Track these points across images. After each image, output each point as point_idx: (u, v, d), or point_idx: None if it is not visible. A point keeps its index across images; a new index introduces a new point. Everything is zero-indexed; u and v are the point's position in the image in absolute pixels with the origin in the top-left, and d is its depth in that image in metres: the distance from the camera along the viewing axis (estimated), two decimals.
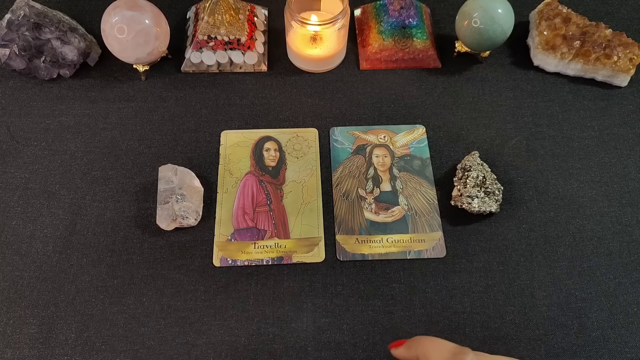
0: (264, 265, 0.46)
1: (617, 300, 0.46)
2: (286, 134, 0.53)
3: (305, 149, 0.52)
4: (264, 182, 0.50)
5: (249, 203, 0.49)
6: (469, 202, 0.48)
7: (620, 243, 0.48)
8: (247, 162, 0.51)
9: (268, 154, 0.52)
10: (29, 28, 0.54)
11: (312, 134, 0.53)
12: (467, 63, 0.59)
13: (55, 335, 0.43)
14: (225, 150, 0.52)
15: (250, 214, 0.49)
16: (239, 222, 0.48)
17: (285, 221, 0.48)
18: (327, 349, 0.43)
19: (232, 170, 0.51)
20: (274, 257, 0.47)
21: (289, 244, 0.47)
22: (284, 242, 0.47)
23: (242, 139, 0.53)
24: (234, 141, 0.53)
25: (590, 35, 0.56)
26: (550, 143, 0.54)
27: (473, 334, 0.44)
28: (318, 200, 0.50)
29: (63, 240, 0.48)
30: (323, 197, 0.50)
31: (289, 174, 0.51)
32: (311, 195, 0.50)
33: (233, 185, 0.50)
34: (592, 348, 0.43)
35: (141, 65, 0.56)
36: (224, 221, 0.48)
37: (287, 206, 0.49)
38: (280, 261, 0.46)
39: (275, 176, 0.51)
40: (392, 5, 0.58)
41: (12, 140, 0.53)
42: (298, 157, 0.52)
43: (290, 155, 0.52)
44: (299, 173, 0.51)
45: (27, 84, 0.57)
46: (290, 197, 0.50)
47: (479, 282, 0.46)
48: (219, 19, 0.56)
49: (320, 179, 0.51)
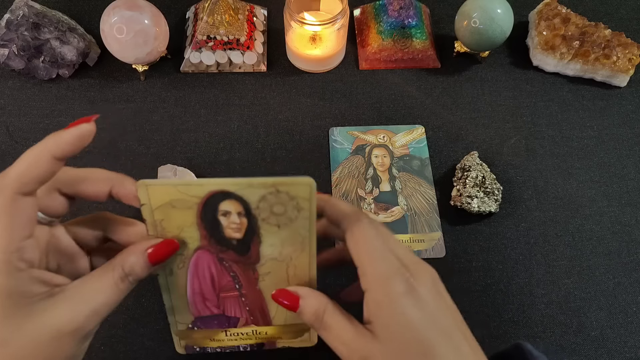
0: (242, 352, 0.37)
1: (616, 300, 0.46)
2: (256, 188, 0.30)
3: (292, 212, 0.31)
4: (226, 261, 0.32)
5: (208, 288, 0.33)
6: (469, 202, 0.48)
7: (620, 243, 0.49)
8: (194, 232, 0.31)
9: (228, 221, 0.31)
10: (28, 28, 0.54)
11: (305, 190, 0.30)
12: (466, 63, 0.60)
13: None
14: (152, 215, 0.30)
15: (212, 300, 0.34)
16: (200, 309, 0.34)
17: (263, 307, 0.34)
18: (327, 349, 0.43)
19: None
20: (253, 343, 0.36)
21: (271, 331, 0.35)
22: (264, 329, 0.35)
23: (178, 197, 0.30)
24: (163, 200, 0.30)
25: (589, 35, 0.57)
26: (549, 143, 0.54)
27: (472, 333, 0.44)
28: (311, 281, 0.33)
29: None
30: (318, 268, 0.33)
31: (266, 249, 0.32)
32: (301, 277, 0.33)
33: (179, 266, 0.32)
34: (591, 347, 0.44)
35: (140, 65, 0.56)
36: (178, 309, 0.34)
37: (265, 291, 0.33)
38: (262, 347, 0.36)
39: (243, 252, 0.32)
40: (391, 5, 0.58)
41: (11, 140, 0.53)
42: (280, 226, 0.31)
43: (266, 222, 0.31)
44: (282, 248, 0.32)
45: (26, 84, 0.57)
46: (269, 280, 0.33)
47: (478, 281, 0.46)
48: (218, 19, 0.56)
49: (315, 256, 0.32)
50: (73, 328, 0.25)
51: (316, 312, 0.30)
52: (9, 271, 0.25)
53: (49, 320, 0.25)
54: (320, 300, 0.30)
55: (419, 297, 0.27)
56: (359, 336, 0.28)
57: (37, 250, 0.27)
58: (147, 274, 0.29)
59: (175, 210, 0.30)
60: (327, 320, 0.29)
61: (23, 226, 0.26)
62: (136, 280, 0.29)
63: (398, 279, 0.27)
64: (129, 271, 0.28)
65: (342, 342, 0.29)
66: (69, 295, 0.26)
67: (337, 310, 0.30)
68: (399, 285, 0.27)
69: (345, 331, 0.28)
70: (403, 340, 0.27)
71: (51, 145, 0.27)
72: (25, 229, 0.26)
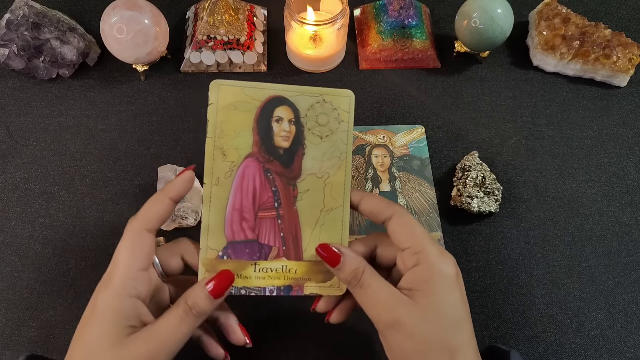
0: (266, 297, 0.35)
1: (616, 300, 0.46)
2: (307, 96, 0.35)
3: (334, 124, 0.35)
4: (271, 173, 0.35)
5: (248, 204, 0.34)
6: (469, 202, 0.48)
7: (619, 243, 0.49)
8: (248, 137, 0.34)
9: (279, 128, 0.35)
10: (28, 28, 0.54)
11: (346, 101, 0.35)
12: (466, 63, 0.60)
13: (54, 340, 0.43)
14: (216, 115, 0.34)
15: (250, 220, 0.35)
16: (235, 231, 0.34)
17: (297, 235, 0.35)
18: (327, 349, 0.43)
19: (226, 150, 0.34)
20: (281, 285, 0.35)
21: (301, 269, 0.35)
22: (294, 266, 0.35)
23: (242, 99, 0.34)
24: (229, 100, 0.34)
25: (589, 35, 0.57)
26: (549, 143, 0.54)
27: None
28: (345, 207, 0.36)
29: (63, 242, 0.48)
30: None
31: (307, 162, 0.35)
32: (335, 199, 0.35)
33: (227, 174, 0.34)
34: (591, 347, 0.44)
35: (140, 65, 0.56)
36: (213, 228, 0.34)
37: (301, 212, 0.35)
38: (289, 292, 0.35)
39: (288, 164, 0.35)
40: (391, 5, 0.58)
41: (12, 140, 0.53)
42: (322, 137, 0.35)
43: (312, 132, 0.35)
44: (322, 162, 0.35)
45: (26, 84, 0.57)
46: (306, 199, 0.35)
47: (478, 281, 0.46)
48: (218, 19, 0.56)
49: (350, 174, 0.36)
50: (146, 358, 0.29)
51: (356, 270, 0.32)
52: (121, 294, 0.29)
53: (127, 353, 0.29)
54: (360, 260, 0.33)
55: (461, 282, 0.32)
56: (395, 298, 0.31)
57: (146, 286, 0.31)
58: (211, 306, 0.32)
59: (237, 112, 0.34)
60: (366, 280, 0.32)
61: (142, 258, 0.31)
62: (202, 314, 0.31)
63: (450, 262, 0.32)
64: (192, 304, 0.31)
65: (377, 301, 0.31)
66: (147, 334, 0.30)
67: (375, 272, 0.33)
68: (452, 268, 0.32)
69: (381, 292, 0.31)
70: (441, 312, 0.30)
71: (167, 190, 0.33)
72: (143, 262, 0.31)
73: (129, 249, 0.31)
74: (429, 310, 0.30)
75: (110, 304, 0.29)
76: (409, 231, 0.33)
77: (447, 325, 0.30)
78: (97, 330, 0.29)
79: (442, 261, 0.32)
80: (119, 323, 0.29)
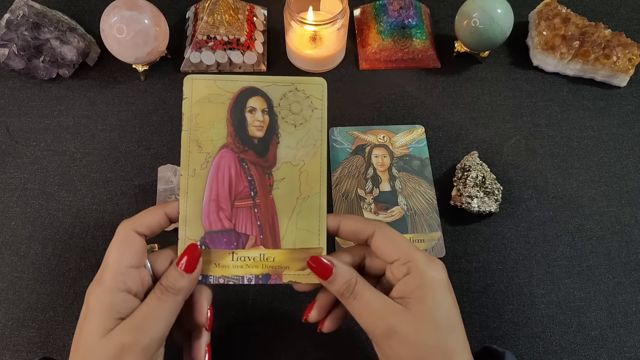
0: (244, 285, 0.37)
1: (616, 300, 0.46)
2: (279, 86, 0.36)
3: (307, 111, 0.36)
4: (246, 163, 0.35)
5: (224, 193, 0.35)
6: (469, 202, 0.48)
7: (619, 242, 0.49)
8: (222, 128, 0.35)
9: (253, 118, 0.35)
10: (28, 28, 0.54)
11: (318, 89, 0.36)
12: (466, 63, 0.60)
13: (54, 340, 0.43)
14: (190, 109, 0.35)
15: (227, 209, 0.35)
16: (212, 221, 0.35)
17: (274, 223, 0.35)
18: (326, 349, 0.43)
19: (201, 142, 0.35)
20: (259, 273, 0.35)
21: (279, 257, 0.35)
22: (272, 254, 0.35)
23: (215, 91, 0.35)
24: (203, 93, 0.35)
25: (589, 35, 0.57)
26: (549, 143, 0.54)
27: (472, 333, 0.44)
28: (321, 194, 0.36)
29: (62, 243, 0.48)
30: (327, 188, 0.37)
31: (282, 150, 0.36)
32: (312, 186, 0.36)
33: (203, 165, 0.35)
34: (591, 347, 0.44)
35: (140, 65, 0.56)
36: (191, 219, 0.35)
37: (277, 200, 0.35)
38: (267, 280, 0.35)
39: (263, 154, 0.35)
40: (391, 5, 0.58)
41: (12, 140, 0.53)
42: (296, 125, 0.36)
43: (285, 121, 0.36)
44: (297, 150, 0.36)
45: (26, 84, 0.57)
46: (282, 187, 0.35)
47: (477, 281, 0.46)
48: (218, 19, 0.56)
49: (325, 161, 0.36)
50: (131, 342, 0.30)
51: (349, 281, 0.33)
52: (112, 289, 0.31)
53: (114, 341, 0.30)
54: (351, 271, 0.33)
55: (450, 286, 0.33)
56: (389, 307, 0.31)
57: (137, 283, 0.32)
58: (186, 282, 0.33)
59: (210, 105, 0.35)
60: (359, 290, 0.32)
61: (131, 255, 0.32)
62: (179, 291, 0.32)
63: (440, 267, 0.33)
64: (166, 284, 0.32)
65: (371, 311, 0.32)
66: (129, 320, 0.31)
67: (366, 283, 0.33)
68: (442, 273, 0.32)
69: (375, 302, 0.32)
70: (435, 316, 0.31)
71: (165, 205, 0.35)
72: (133, 259, 0.32)
73: (118, 247, 0.32)
74: (423, 316, 0.31)
75: (102, 299, 0.30)
76: (394, 244, 0.33)
77: (442, 330, 0.31)
78: (90, 325, 0.30)
79: (431, 268, 0.32)
80: (110, 316, 0.30)
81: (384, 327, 0.31)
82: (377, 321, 0.31)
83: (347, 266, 0.34)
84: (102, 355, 0.30)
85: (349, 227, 0.35)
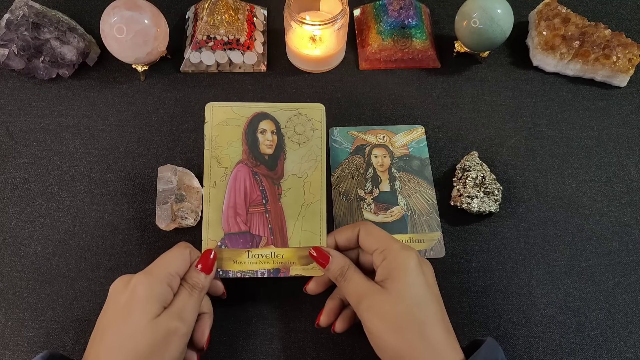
0: (258, 279, 0.43)
1: (616, 300, 0.46)
2: (285, 111, 0.44)
3: (309, 132, 0.43)
4: (258, 175, 0.43)
5: (241, 201, 0.42)
6: (469, 202, 0.48)
7: (619, 243, 0.49)
8: (238, 147, 0.43)
9: (264, 138, 0.43)
10: (28, 28, 0.54)
11: (318, 113, 0.44)
12: (466, 63, 0.60)
13: (54, 340, 0.43)
14: (211, 131, 0.43)
15: (243, 215, 0.42)
16: (230, 225, 0.42)
17: (282, 226, 0.42)
18: (326, 349, 0.43)
19: (221, 158, 0.43)
20: (270, 268, 0.41)
21: (287, 254, 0.42)
22: (281, 252, 0.42)
23: (232, 116, 0.43)
24: (221, 118, 0.43)
25: (589, 35, 0.57)
26: (549, 143, 0.54)
27: (471, 333, 0.44)
28: (322, 201, 0.43)
29: (62, 243, 0.48)
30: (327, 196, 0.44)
31: (289, 165, 0.43)
32: (314, 194, 0.43)
33: (222, 178, 0.42)
34: (591, 347, 0.44)
35: (140, 65, 0.56)
36: (212, 223, 0.42)
37: (285, 207, 0.42)
38: (277, 273, 0.42)
39: (272, 168, 0.43)
40: (391, 5, 0.58)
41: (12, 141, 0.53)
42: (300, 144, 0.43)
43: (291, 140, 0.43)
44: (301, 165, 0.43)
45: (26, 84, 0.57)
46: (289, 196, 0.43)
47: (477, 281, 0.46)
48: (218, 19, 0.56)
49: (325, 174, 0.43)
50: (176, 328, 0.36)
51: (342, 268, 0.39)
52: (161, 281, 0.37)
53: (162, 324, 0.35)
54: (345, 259, 0.40)
55: (426, 270, 0.38)
56: (370, 288, 0.37)
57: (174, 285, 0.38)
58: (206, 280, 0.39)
59: (228, 128, 0.43)
60: (349, 275, 0.39)
61: (178, 266, 0.38)
62: (202, 288, 0.39)
63: (411, 253, 0.38)
64: (193, 283, 0.38)
65: (356, 291, 0.38)
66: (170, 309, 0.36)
67: (357, 269, 0.39)
68: (413, 258, 0.37)
69: (360, 284, 0.38)
70: (407, 293, 0.36)
71: None
72: (179, 269, 0.38)
73: (175, 255, 0.39)
74: (397, 292, 0.36)
75: (152, 287, 0.36)
76: (374, 237, 0.39)
77: (412, 303, 0.36)
78: (140, 308, 0.35)
79: (403, 253, 0.37)
80: (159, 303, 0.36)
81: (366, 304, 0.37)
82: (361, 299, 0.37)
83: (341, 255, 0.40)
84: (151, 337, 0.34)
85: (342, 238, 0.41)
